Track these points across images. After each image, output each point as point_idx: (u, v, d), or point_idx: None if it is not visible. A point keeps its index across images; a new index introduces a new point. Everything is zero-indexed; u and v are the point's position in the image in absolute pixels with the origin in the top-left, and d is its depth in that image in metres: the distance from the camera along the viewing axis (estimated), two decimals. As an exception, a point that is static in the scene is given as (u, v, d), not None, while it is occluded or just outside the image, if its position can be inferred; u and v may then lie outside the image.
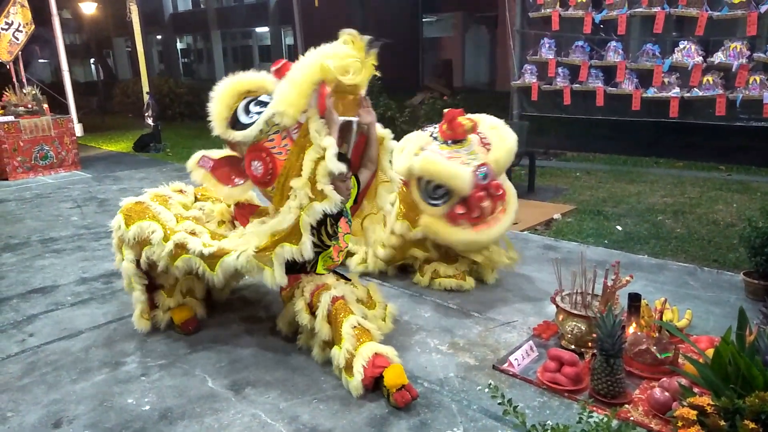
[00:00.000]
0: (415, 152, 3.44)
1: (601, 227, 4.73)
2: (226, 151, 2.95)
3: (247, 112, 2.78)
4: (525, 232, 4.71)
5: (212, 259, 2.64)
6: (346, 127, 2.77)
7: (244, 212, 3.17)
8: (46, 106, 8.10)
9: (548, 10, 7.25)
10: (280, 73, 2.71)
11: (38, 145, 7.74)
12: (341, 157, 2.61)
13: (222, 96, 2.81)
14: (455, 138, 3.45)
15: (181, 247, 2.70)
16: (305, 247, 2.53)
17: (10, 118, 7.57)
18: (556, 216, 5.08)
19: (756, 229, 3.13)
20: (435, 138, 3.53)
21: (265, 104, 2.73)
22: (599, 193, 5.89)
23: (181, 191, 3.19)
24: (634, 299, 2.74)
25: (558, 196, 5.85)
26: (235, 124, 2.79)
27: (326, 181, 2.52)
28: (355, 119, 2.81)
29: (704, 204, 5.26)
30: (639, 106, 6.68)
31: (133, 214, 2.84)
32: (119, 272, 3.06)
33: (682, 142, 7.61)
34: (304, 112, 2.56)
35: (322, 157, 2.51)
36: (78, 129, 10.37)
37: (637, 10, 6.61)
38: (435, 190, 3.39)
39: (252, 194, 3.36)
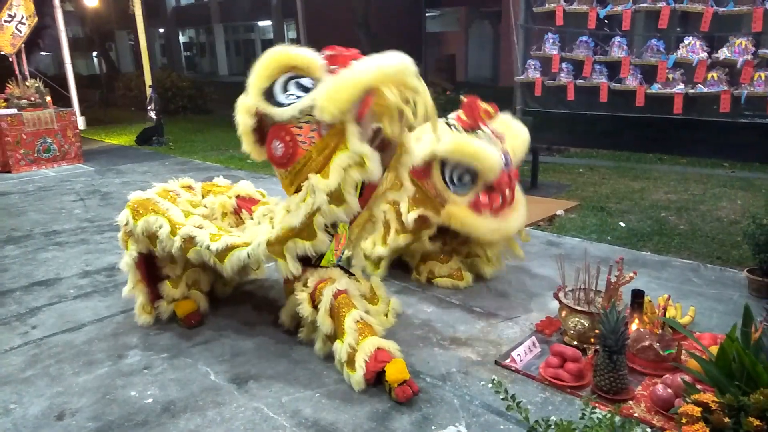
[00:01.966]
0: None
1: (604, 223, 4.72)
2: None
3: (285, 90, 2.64)
4: (528, 228, 4.68)
5: (220, 253, 2.65)
6: (373, 134, 2.67)
7: (244, 205, 3.21)
8: (49, 98, 8.10)
9: (553, 5, 7.23)
10: (333, 61, 2.62)
11: (41, 138, 7.75)
12: None
13: (264, 66, 2.65)
14: (474, 126, 3.39)
15: (189, 241, 2.71)
16: (320, 243, 2.54)
17: (13, 110, 7.57)
18: (559, 212, 5.06)
19: (760, 227, 3.12)
20: (451, 126, 3.46)
21: (305, 89, 2.60)
22: (602, 189, 5.87)
23: (189, 187, 3.18)
24: (638, 296, 2.74)
25: (561, 192, 5.84)
26: (270, 97, 2.65)
27: (352, 191, 2.47)
28: (377, 126, 2.65)
29: (708, 201, 5.25)
30: (643, 102, 6.67)
31: (141, 209, 2.84)
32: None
33: (686, 139, 7.57)
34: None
35: (353, 165, 2.44)
36: (81, 122, 10.37)
37: (641, 5, 6.59)
38: (460, 178, 3.30)
39: (252, 188, 3.37)
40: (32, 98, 7.85)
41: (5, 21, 9.33)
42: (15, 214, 5.59)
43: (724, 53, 6.08)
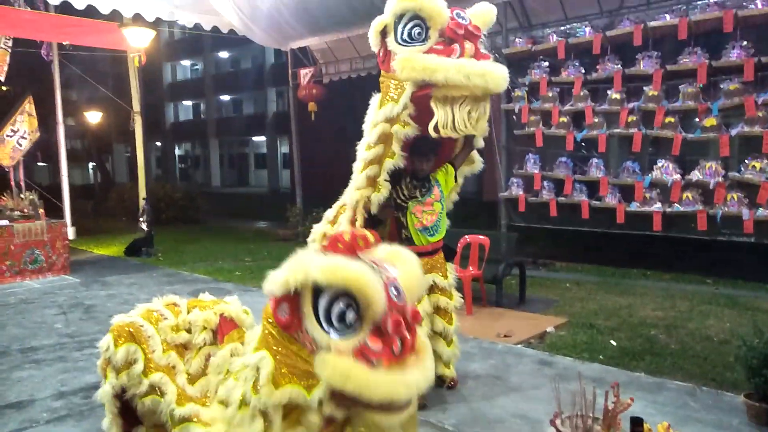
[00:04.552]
0: None
1: (595, 341, 4.68)
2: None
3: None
4: (519, 346, 4.64)
5: (181, 419, 2.59)
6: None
7: (224, 327, 3.09)
8: (42, 210, 8.17)
9: (532, 129, 7.70)
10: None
11: (29, 249, 7.70)
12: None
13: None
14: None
15: (155, 390, 2.65)
16: None
17: (5, 222, 7.60)
18: (550, 329, 5.03)
19: (752, 349, 3.12)
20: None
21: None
22: (590, 305, 5.89)
23: (174, 305, 3.14)
24: (637, 423, 2.65)
25: (549, 308, 5.84)
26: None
27: None
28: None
29: (695, 318, 5.26)
30: (623, 219, 6.90)
31: (124, 335, 2.77)
32: (99, 386, 2.93)
33: (668, 255, 7.75)
34: None
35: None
36: (71, 232, 10.42)
37: (615, 130, 7.05)
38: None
39: (238, 306, 3.25)
40: (25, 210, 7.93)
41: (7, 135, 9.67)
42: (-7, 328, 5.43)
43: (696, 175, 6.41)
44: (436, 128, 3.01)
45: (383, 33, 3.21)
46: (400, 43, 3.09)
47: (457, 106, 2.94)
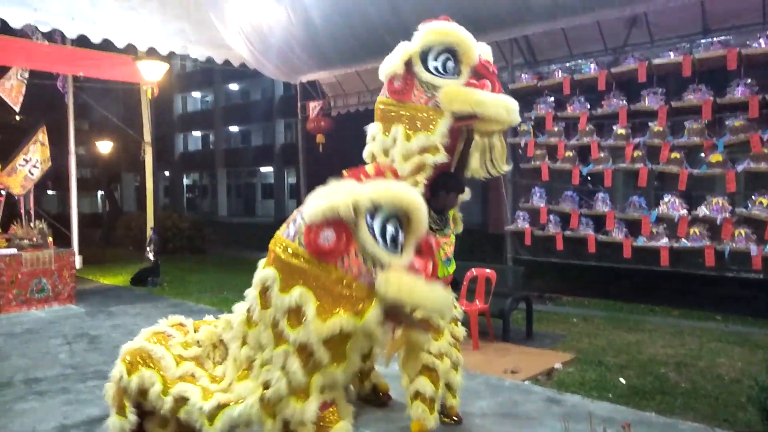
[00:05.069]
0: None
1: (604, 379, 4.61)
2: None
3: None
4: (526, 383, 4.57)
5: (210, 414, 2.53)
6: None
7: None
8: (50, 239, 8.21)
9: (538, 163, 7.75)
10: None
11: (36, 278, 7.71)
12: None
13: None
14: None
15: (181, 401, 2.61)
16: (310, 409, 2.35)
17: (13, 251, 7.63)
18: (557, 365, 4.96)
19: (764, 390, 3.06)
20: None
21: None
22: (598, 341, 5.81)
23: (181, 325, 3.14)
24: (647, 466, 2.60)
25: (557, 343, 5.77)
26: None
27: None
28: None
29: (705, 356, 5.18)
30: (630, 254, 6.87)
31: (136, 361, 2.77)
32: (102, 419, 2.90)
33: (676, 290, 7.67)
34: None
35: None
36: (78, 261, 10.44)
37: (621, 165, 7.08)
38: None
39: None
40: (34, 239, 7.97)
41: (20, 165, 9.78)
42: (-3, 358, 5.41)
43: (703, 211, 6.40)
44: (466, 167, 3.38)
45: (407, 63, 3.25)
46: (434, 74, 3.19)
47: (493, 138, 3.30)
